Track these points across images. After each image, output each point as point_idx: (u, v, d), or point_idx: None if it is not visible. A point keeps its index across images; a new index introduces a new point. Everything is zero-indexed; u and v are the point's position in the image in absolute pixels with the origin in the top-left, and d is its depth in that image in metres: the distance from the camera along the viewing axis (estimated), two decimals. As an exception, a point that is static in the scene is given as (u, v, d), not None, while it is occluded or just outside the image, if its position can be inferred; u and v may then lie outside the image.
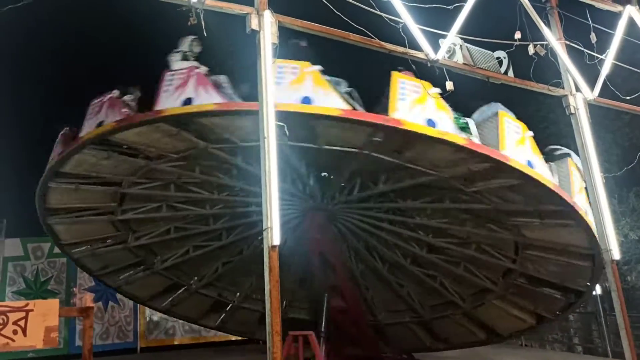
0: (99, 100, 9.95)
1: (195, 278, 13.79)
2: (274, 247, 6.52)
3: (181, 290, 13.96)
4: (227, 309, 14.49)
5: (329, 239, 11.77)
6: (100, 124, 9.38)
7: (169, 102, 8.57)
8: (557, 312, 11.99)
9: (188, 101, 8.58)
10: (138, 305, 16.39)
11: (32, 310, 5.50)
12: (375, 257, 12.90)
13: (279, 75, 7.84)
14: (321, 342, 10.92)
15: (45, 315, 5.53)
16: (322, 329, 11.40)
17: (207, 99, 8.43)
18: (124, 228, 12.45)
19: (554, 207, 9.40)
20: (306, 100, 8.04)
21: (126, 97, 9.65)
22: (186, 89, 8.62)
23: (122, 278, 13.55)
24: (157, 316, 16.80)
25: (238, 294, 14.19)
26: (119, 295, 16.11)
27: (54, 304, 5.72)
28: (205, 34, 6.85)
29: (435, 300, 13.18)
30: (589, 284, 10.91)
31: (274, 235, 6.50)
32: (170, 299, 14.04)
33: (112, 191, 11.35)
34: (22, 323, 5.45)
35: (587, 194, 9.81)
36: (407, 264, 12.59)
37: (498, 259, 11.47)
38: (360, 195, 11.09)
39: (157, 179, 11.06)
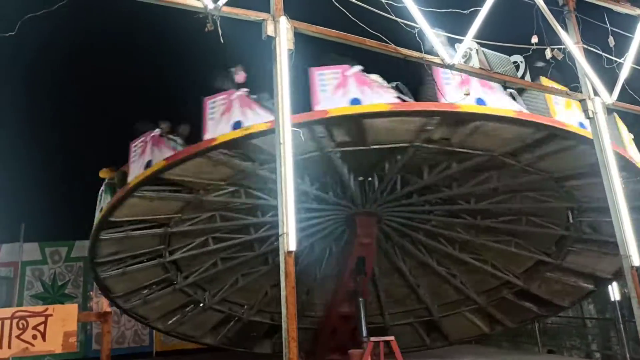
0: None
1: (209, 293, 13.67)
2: (290, 252, 6.51)
3: (195, 307, 13.85)
4: (233, 322, 14.38)
5: (374, 243, 11.80)
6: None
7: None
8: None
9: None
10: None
11: (51, 315, 5.56)
12: (422, 251, 12.91)
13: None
14: (364, 347, 10.86)
15: (64, 320, 5.59)
16: (365, 334, 11.35)
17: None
18: (172, 269, 12.41)
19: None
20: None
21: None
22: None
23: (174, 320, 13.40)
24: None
25: (246, 306, 14.13)
26: (135, 299, 16.17)
27: (72, 309, 5.78)
28: (222, 40, 6.86)
29: (487, 285, 13.24)
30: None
31: (290, 240, 6.50)
32: (178, 316, 13.80)
33: (160, 233, 11.24)
34: (41, 328, 5.50)
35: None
36: (456, 251, 12.59)
37: (550, 229, 11.43)
38: (404, 192, 11.06)
39: (203, 212, 11.00)
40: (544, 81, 10.75)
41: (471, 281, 13.52)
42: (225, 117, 8.67)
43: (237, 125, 8.49)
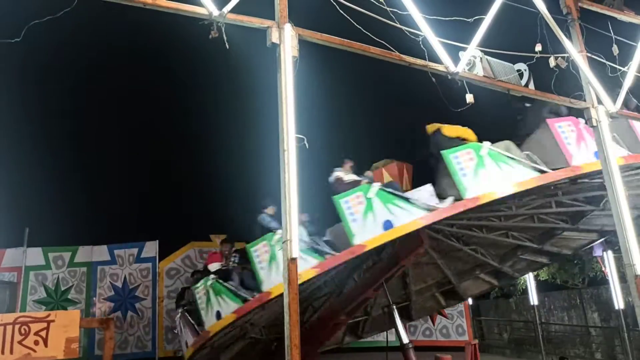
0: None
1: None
2: (293, 259, 6.52)
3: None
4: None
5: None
6: None
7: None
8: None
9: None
10: (157, 315, 16.49)
11: (53, 321, 5.55)
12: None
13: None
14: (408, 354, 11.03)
15: (66, 326, 5.58)
16: (408, 341, 11.36)
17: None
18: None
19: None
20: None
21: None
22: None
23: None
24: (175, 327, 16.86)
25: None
26: (138, 305, 16.22)
27: (75, 315, 5.77)
28: (227, 46, 6.89)
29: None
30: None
31: (294, 247, 6.51)
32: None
33: None
34: (43, 334, 5.50)
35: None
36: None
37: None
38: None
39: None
40: None
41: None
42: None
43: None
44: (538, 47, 9.38)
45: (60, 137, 21.18)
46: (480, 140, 10.31)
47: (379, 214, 8.91)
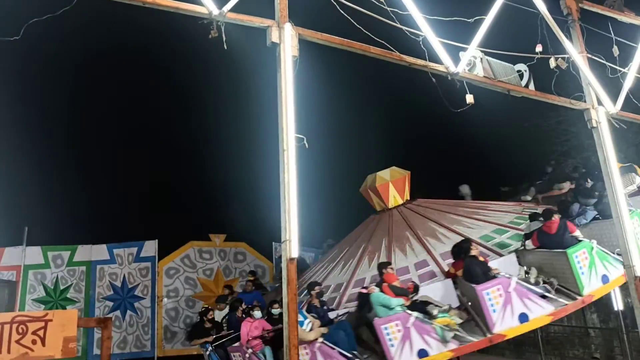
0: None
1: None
2: (292, 259, 6.52)
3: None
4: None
5: None
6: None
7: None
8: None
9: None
10: (156, 314, 16.46)
11: (51, 320, 5.54)
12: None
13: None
14: None
15: (64, 325, 5.57)
16: None
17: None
18: None
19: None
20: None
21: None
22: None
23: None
24: (174, 326, 16.84)
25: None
26: (137, 305, 16.20)
27: (72, 314, 5.75)
28: (225, 46, 6.88)
29: None
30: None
31: (293, 248, 6.51)
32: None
33: None
34: (41, 333, 5.49)
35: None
36: None
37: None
38: None
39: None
40: None
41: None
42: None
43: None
44: (538, 48, 9.37)
45: (59, 136, 21.18)
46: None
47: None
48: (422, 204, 13.85)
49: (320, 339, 8.50)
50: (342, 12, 7.49)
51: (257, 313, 10.08)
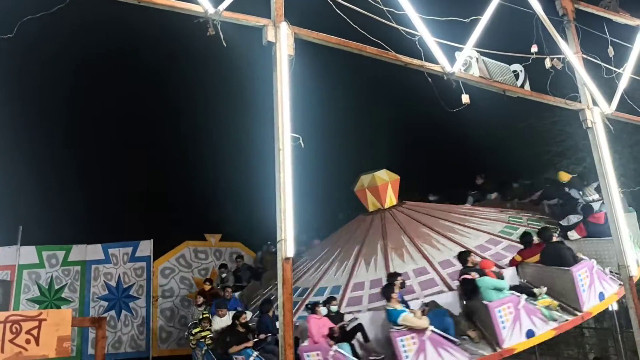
0: None
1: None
2: (287, 259, 6.51)
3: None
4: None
5: None
6: None
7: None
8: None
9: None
10: (151, 314, 16.42)
11: (45, 319, 5.51)
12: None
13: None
14: None
15: (58, 324, 5.54)
16: None
17: None
18: None
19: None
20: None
21: None
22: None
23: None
24: (169, 326, 16.81)
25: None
26: (132, 305, 16.16)
27: (67, 313, 5.73)
28: (224, 44, 6.86)
29: None
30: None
31: (288, 247, 6.50)
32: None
33: None
34: (35, 332, 5.46)
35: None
36: None
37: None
38: None
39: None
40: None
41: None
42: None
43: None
44: (534, 48, 9.39)
45: (55, 135, 21.09)
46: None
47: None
48: (411, 207, 13.89)
49: (430, 327, 8.60)
50: (338, 11, 7.48)
51: (324, 309, 9.79)
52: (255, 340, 9.99)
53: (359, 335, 9.51)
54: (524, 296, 9.01)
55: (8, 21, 6.21)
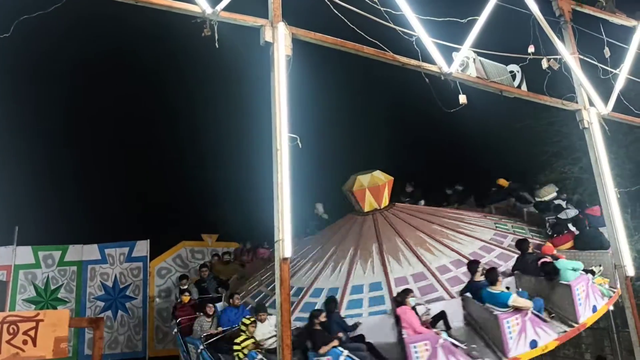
0: None
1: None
2: (285, 259, 6.52)
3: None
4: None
5: None
6: None
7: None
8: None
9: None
10: (147, 314, 16.40)
11: (42, 320, 5.49)
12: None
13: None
14: None
15: (55, 325, 5.52)
16: None
17: None
18: None
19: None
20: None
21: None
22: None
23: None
24: (166, 326, 16.78)
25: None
26: (128, 305, 16.13)
27: (64, 314, 5.71)
28: (217, 45, 6.86)
29: None
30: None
31: (286, 247, 6.50)
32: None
33: None
34: (32, 333, 5.44)
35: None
36: None
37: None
38: None
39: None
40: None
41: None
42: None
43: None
44: (531, 49, 9.42)
45: (51, 134, 21.02)
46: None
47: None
48: (402, 210, 13.91)
49: (530, 308, 8.91)
50: (336, 11, 7.49)
51: (413, 300, 9.54)
52: (336, 337, 9.14)
53: (440, 323, 9.52)
54: (589, 275, 9.72)
55: (4, 20, 6.20)
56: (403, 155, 19.59)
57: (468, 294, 9.72)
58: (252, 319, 10.05)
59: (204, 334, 10.61)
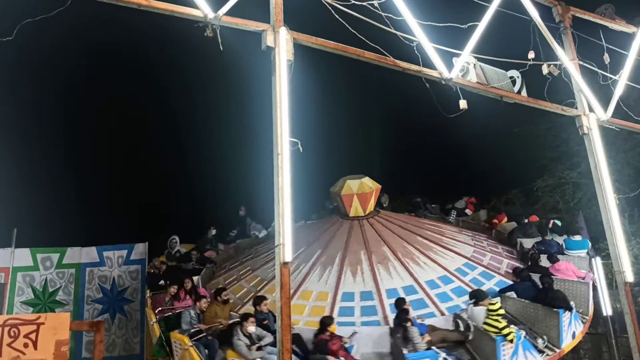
0: None
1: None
2: (285, 263, 6.51)
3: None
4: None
5: None
6: None
7: None
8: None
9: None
10: (145, 317, 16.36)
11: (43, 323, 5.48)
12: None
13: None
14: None
15: (56, 328, 5.51)
16: None
17: None
18: None
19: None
20: None
21: None
22: None
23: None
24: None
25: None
26: (126, 308, 16.09)
27: (65, 317, 5.70)
28: (221, 48, 6.87)
29: None
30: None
31: (286, 252, 6.50)
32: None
33: None
34: (33, 336, 5.43)
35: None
36: None
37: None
38: None
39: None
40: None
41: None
42: None
43: None
44: (531, 55, 9.45)
45: (49, 136, 21.01)
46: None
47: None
48: (386, 217, 14.06)
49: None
50: (337, 17, 7.51)
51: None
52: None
53: None
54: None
55: (7, 23, 6.20)
56: (402, 159, 19.62)
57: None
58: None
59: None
